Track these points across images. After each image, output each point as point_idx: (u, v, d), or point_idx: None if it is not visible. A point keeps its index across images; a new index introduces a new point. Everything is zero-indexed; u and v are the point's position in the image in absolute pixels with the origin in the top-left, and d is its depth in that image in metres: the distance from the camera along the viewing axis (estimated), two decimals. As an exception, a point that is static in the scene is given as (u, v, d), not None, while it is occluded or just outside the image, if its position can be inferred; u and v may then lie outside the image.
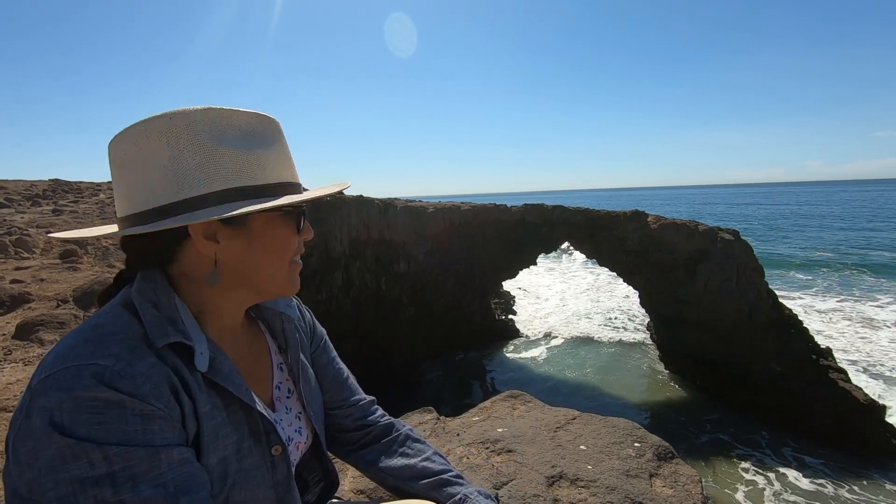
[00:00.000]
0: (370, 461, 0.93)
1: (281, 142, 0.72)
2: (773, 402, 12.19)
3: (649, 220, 15.14)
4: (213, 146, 0.63)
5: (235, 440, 0.66)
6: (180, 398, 0.60)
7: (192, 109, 0.62)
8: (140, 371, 0.56)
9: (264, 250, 0.69)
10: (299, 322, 0.92)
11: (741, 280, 13.39)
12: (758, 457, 10.78)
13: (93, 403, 0.52)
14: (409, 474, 0.89)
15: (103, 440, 0.51)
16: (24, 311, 3.84)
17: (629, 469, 2.11)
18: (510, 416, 2.70)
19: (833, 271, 29.08)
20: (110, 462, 0.51)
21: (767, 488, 9.60)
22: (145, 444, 0.53)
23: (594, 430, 2.44)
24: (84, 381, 0.52)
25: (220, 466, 0.63)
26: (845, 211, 71.58)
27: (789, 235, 47.98)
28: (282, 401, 0.81)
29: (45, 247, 6.28)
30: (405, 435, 0.97)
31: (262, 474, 0.68)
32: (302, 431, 0.81)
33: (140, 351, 0.58)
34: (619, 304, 23.39)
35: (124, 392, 0.53)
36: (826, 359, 12.48)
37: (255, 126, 0.69)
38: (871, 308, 20.77)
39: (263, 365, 0.82)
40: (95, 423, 0.51)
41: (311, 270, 15.45)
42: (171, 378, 0.59)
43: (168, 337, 0.61)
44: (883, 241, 40.93)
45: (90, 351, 0.55)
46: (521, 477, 2.05)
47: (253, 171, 0.66)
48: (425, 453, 0.94)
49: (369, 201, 16.91)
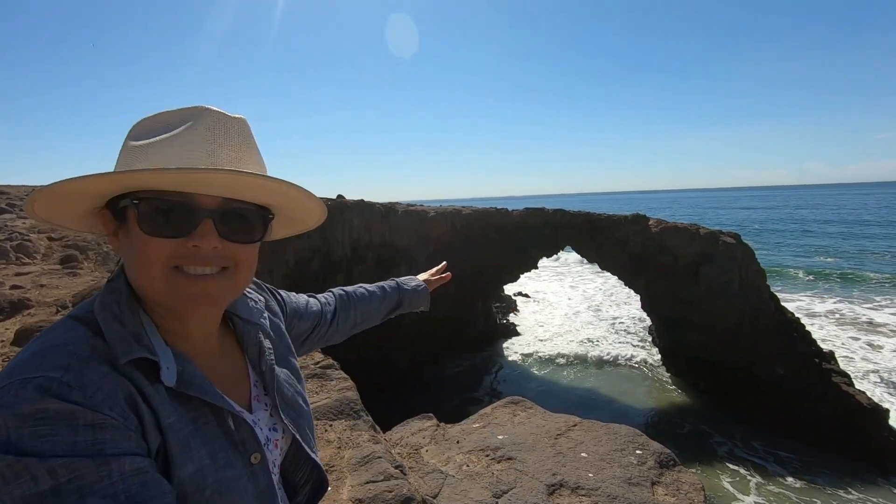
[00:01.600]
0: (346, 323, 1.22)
1: (188, 127, 0.64)
2: (775, 406, 12.12)
3: (650, 223, 15.13)
4: (126, 144, 0.66)
5: (209, 451, 0.63)
6: (139, 409, 0.57)
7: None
8: (91, 381, 0.54)
9: (132, 251, 0.64)
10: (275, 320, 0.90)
11: (743, 283, 13.35)
12: (760, 463, 10.70)
13: (39, 416, 0.50)
14: (382, 307, 1.33)
15: (49, 453, 0.49)
16: (23, 317, 3.84)
17: (631, 477, 2.09)
18: (511, 423, 2.69)
19: (833, 274, 29.01)
20: (55, 475, 0.49)
21: (770, 496, 9.53)
22: (94, 454, 0.51)
23: (595, 437, 2.43)
24: (29, 394, 0.50)
25: (194, 478, 0.61)
26: (846, 214, 71.48)
27: (790, 238, 47.91)
28: (259, 399, 0.79)
29: (46, 252, 6.28)
30: (353, 293, 1.30)
31: (242, 485, 0.66)
32: (277, 428, 0.79)
33: (91, 362, 0.56)
34: (622, 309, 23.35)
35: (74, 402, 0.52)
36: (828, 362, 12.42)
37: (172, 117, 0.66)
38: (870, 311, 20.71)
39: (239, 366, 0.80)
40: (40, 437, 0.49)
41: (312, 274, 15.45)
42: (128, 389, 0.57)
43: (132, 353, 0.59)
44: (882, 244, 40.88)
45: (37, 363, 0.53)
46: (521, 485, 2.03)
47: (135, 162, 0.64)
48: (374, 295, 1.33)
49: (371, 205, 16.94)
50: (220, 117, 0.66)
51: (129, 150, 0.65)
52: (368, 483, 2.00)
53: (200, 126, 0.64)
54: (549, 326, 21.16)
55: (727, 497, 9.44)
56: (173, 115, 0.66)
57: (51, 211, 0.66)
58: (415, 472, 2.17)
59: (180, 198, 0.62)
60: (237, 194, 0.66)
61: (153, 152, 0.63)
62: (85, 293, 4.11)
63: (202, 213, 0.63)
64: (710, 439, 11.88)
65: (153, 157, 0.62)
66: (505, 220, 17.86)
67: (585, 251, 17.37)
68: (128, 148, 0.66)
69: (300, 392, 0.87)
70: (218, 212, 0.64)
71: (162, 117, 0.67)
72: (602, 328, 20.56)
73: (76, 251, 6.03)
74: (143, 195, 0.61)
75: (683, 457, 2.41)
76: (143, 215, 0.61)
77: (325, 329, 1.15)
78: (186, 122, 0.65)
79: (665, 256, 14.51)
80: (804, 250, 39.90)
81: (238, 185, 0.64)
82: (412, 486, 2.01)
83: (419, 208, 17.87)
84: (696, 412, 13.24)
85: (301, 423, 0.82)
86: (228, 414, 0.68)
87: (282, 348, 0.89)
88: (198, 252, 0.63)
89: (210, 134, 0.64)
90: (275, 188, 0.67)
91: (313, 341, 1.14)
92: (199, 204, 0.63)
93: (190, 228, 0.62)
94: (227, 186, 0.64)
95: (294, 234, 0.87)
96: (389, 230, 16.97)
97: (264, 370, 0.81)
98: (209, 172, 0.60)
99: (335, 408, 2.48)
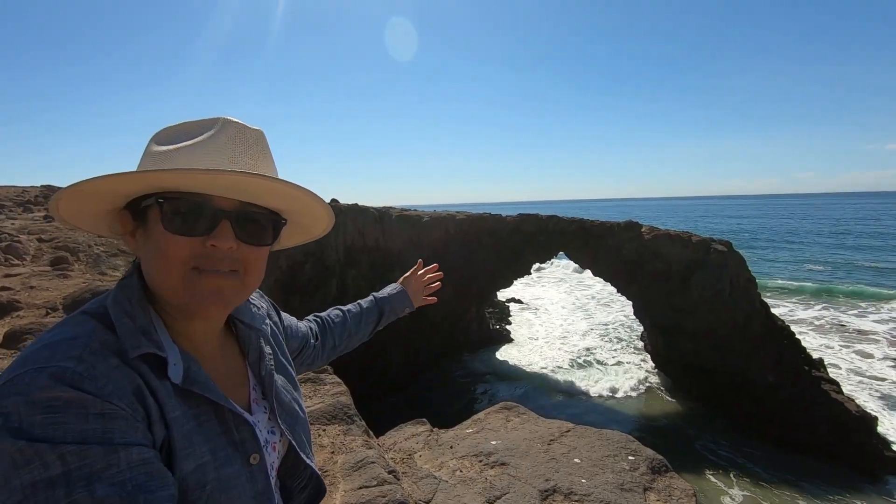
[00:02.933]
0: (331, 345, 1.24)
1: (211, 135, 0.68)
2: (767, 413, 12.21)
3: (643, 230, 15.25)
4: (149, 149, 0.69)
5: (210, 448, 0.65)
6: (146, 401, 0.59)
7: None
8: (102, 372, 0.56)
9: (149, 252, 0.66)
10: (274, 329, 0.92)
11: (734, 291, 13.48)
12: (750, 469, 10.77)
13: (50, 404, 0.51)
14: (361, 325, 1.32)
15: (60, 440, 0.50)
16: (12, 319, 3.79)
17: (623, 483, 2.11)
18: (504, 429, 2.69)
19: (821, 282, 29.38)
20: (65, 461, 0.50)
21: (759, 501, 9.58)
22: (103, 442, 0.52)
23: (588, 442, 2.44)
24: (42, 382, 0.52)
25: (196, 474, 0.62)
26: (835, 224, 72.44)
27: (780, 246, 48.45)
28: (258, 402, 0.81)
29: (35, 254, 6.21)
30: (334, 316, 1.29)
31: (241, 484, 0.68)
32: (275, 431, 0.80)
33: (102, 354, 0.58)
34: (614, 315, 23.45)
35: (85, 391, 0.53)
36: (818, 370, 12.55)
37: (194, 126, 0.70)
38: (856, 319, 20.98)
39: (239, 369, 0.82)
40: (51, 424, 0.51)
41: (305, 278, 15.39)
42: (136, 381, 0.59)
43: (141, 348, 0.61)
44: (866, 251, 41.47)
45: (50, 353, 0.55)
46: (514, 490, 2.04)
47: (161, 165, 0.66)
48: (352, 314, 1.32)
49: (365, 209, 16.93)
50: (240, 128, 0.70)
51: (154, 155, 0.68)
52: (362, 488, 1.99)
53: (223, 135, 0.68)
54: (542, 332, 21.20)
55: (717, 502, 9.48)
56: (195, 125, 0.70)
57: (73, 210, 0.68)
58: (408, 477, 2.17)
59: (201, 199, 0.65)
60: (255, 198, 0.69)
61: (178, 157, 0.66)
62: (76, 295, 4.06)
63: (221, 214, 0.66)
64: (702, 445, 11.94)
65: (178, 161, 0.65)
66: (499, 226, 17.92)
67: (579, 258, 17.46)
68: (151, 152, 0.68)
69: (297, 399, 0.88)
70: (234, 214, 0.67)
71: (184, 127, 0.70)
72: (594, 334, 20.63)
73: (67, 253, 5.97)
74: (169, 195, 0.64)
75: (675, 463, 2.42)
76: (166, 214, 0.64)
77: (310, 352, 1.17)
78: (208, 131, 0.68)
79: (658, 264, 14.63)
80: (793, 258, 40.38)
81: (259, 190, 0.68)
82: (405, 491, 2.01)
83: (413, 213, 17.89)
84: (688, 418, 13.31)
85: (297, 430, 0.84)
86: (229, 414, 0.70)
87: (280, 356, 0.90)
88: (215, 252, 0.66)
89: (232, 143, 0.68)
90: (293, 194, 0.71)
91: (299, 364, 1.14)
92: (218, 206, 0.66)
93: (209, 229, 0.65)
94: (248, 191, 0.67)
95: (300, 243, 0.90)
96: (383, 235, 16.96)
97: (263, 375, 0.82)
98: (237, 175, 0.63)
99: (329, 412, 2.47)
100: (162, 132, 0.71)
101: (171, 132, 0.70)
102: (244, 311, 0.86)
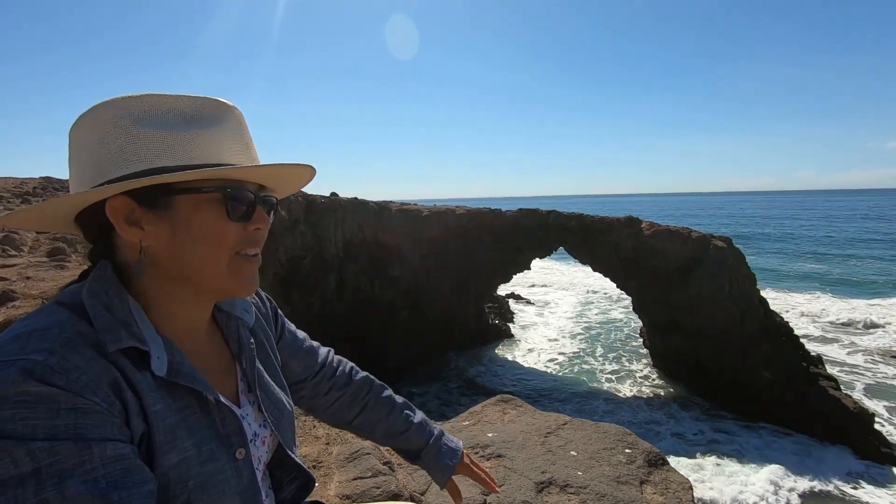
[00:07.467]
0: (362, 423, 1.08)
1: (230, 123, 0.67)
2: (764, 409, 12.28)
3: (643, 226, 15.23)
4: (135, 129, 0.61)
5: (195, 442, 0.63)
6: (123, 395, 0.57)
7: (121, 97, 0.63)
8: (75, 365, 0.53)
9: (192, 239, 0.63)
10: (260, 320, 0.89)
11: (733, 287, 13.48)
12: (748, 463, 10.83)
13: (20, 399, 0.49)
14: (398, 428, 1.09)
15: (29, 436, 0.49)
16: (7, 309, 3.77)
17: (620, 475, 2.10)
18: (500, 421, 2.68)
19: (820, 279, 29.43)
20: (35, 458, 0.48)
21: (757, 496, 9.64)
22: (76, 438, 0.51)
23: (585, 435, 2.43)
24: (11, 376, 0.50)
25: (178, 469, 0.60)
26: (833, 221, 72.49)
27: (778, 241, 48.49)
28: (245, 394, 0.79)
29: (32, 245, 6.19)
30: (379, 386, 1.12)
31: (226, 479, 0.66)
32: (265, 425, 0.79)
33: (76, 346, 0.55)
34: (613, 311, 23.50)
35: (56, 385, 0.51)
36: (816, 366, 12.58)
37: (199, 108, 0.65)
38: (856, 315, 20.99)
39: (226, 360, 0.79)
40: (20, 420, 0.49)
41: (304, 273, 15.37)
42: (113, 373, 0.57)
43: (121, 342, 0.59)
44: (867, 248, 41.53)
45: (19, 347, 0.53)
46: (510, 483, 2.03)
47: (179, 151, 0.62)
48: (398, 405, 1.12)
49: (364, 203, 16.88)
50: (236, 110, 0.70)
51: (142, 136, 0.61)
52: (356, 479, 1.99)
53: (232, 120, 0.68)
54: (541, 327, 21.23)
55: (714, 496, 9.54)
56: (182, 102, 0.65)
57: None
58: (403, 469, 2.16)
59: (244, 186, 0.67)
60: (272, 182, 0.72)
61: (203, 143, 0.64)
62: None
63: (254, 198, 0.68)
64: (699, 440, 12.00)
65: (208, 148, 0.64)
66: (498, 221, 17.89)
67: (578, 253, 17.45)
68: (133, 133, 0.61)
69: (285, 390, 0.87)
70: (259, 197, 0.70)
71: (165, 103, 0.64)
72: (593, 329, 20.66)
73: (64, 244, 5.95)
74: (234, 184, 0.65)
75: (672, 456, 2.42)
76: (233, 204, 0.65)
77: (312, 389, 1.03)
78: (219, 112, 0.67)
79: (657, 259, 14.62)
80: (792, 253, 40.45)
81: (286, 176, 0.72)
82: (400, 482, 2.00)
83: (413, 207, 17.84)
84: (685, 413, 13.36)
85: (282, 422, 0.82)
86: (215, 406, 0.68)
87: (267, 347, 0.88)
88: (257, 234, 0.69)
89: (240, 128, 0.69)
90: (305, 179, 0.76)
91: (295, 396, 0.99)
92: (252, 190, 0.68)
93: (250, 213, 0.68)
94: (277, 177, 0.71)
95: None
96: (383, 229, 16.93)
97: (245, 366, 0.80)
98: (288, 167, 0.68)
99: (324, 404, 2.46)
100: (135, 108, 0.62)
101: (152, 111, 0.63)
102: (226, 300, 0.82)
